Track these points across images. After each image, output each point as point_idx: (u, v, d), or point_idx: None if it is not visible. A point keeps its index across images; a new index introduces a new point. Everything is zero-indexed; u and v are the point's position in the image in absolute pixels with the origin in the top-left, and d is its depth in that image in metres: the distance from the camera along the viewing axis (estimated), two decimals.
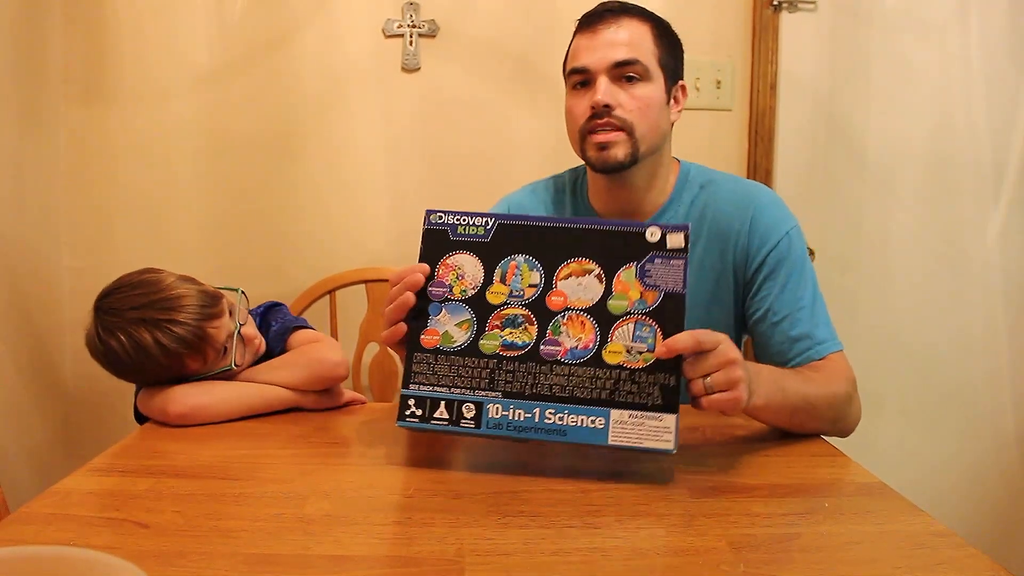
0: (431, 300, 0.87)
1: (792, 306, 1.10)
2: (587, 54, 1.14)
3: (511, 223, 0.88)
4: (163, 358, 1.03)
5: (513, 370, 0.84)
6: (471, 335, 0.85)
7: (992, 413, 1.90)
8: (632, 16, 1.15)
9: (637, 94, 1.12)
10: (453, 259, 0.88)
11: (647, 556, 0.66)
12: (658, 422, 0.80)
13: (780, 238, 1.14)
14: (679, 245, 0.83)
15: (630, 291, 0.84)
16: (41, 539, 0.68)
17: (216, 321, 1.06)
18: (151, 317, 1.03)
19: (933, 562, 0.66)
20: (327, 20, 1.78)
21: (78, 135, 1.77)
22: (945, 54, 1.83)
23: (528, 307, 0.85)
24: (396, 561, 0.65)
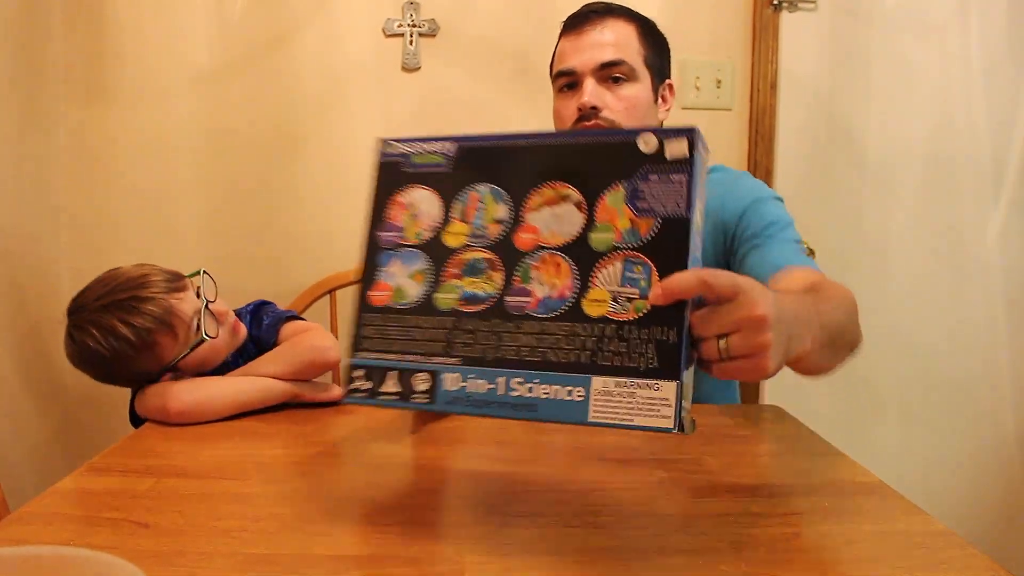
0: (381, 248, 0.73)
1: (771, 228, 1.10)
2: (573, 56, 1.14)
3: (476, 145, 0.72)
4: (137, 341, 1.03)
5: (473, 329, 0.68)
6: (426, 288, 0.70)
7: (992, 412, 1.90)
8: (617, 16, 1.15)
9: (624, 94, 1.12)
10: (407, 195, 0.74)
11: (647, 556, 0.66)
12: (654, 392, 0.61)
13: (753, 200, 1.14)
14: (682, 155, 0.64)
15: (617, 220, 0.65)
16: (41, 539, 0.68)
17: (180, 294, 1.08)
18: (116, 300, 1.05)
19: (933, 562, 0.66)
20: (327, 20, 1.78)
21: (78, 135, 1.77)
22: (945, 54, 1.82)
23: (492, 249, 0.69)
24: (396, 561, 0.65)
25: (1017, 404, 1.90)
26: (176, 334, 1.06)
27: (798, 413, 1.10)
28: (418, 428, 1.04)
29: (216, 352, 1.12)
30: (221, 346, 1.12)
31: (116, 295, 1.06)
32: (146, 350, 1.05)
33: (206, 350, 1.09)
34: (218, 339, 1.10)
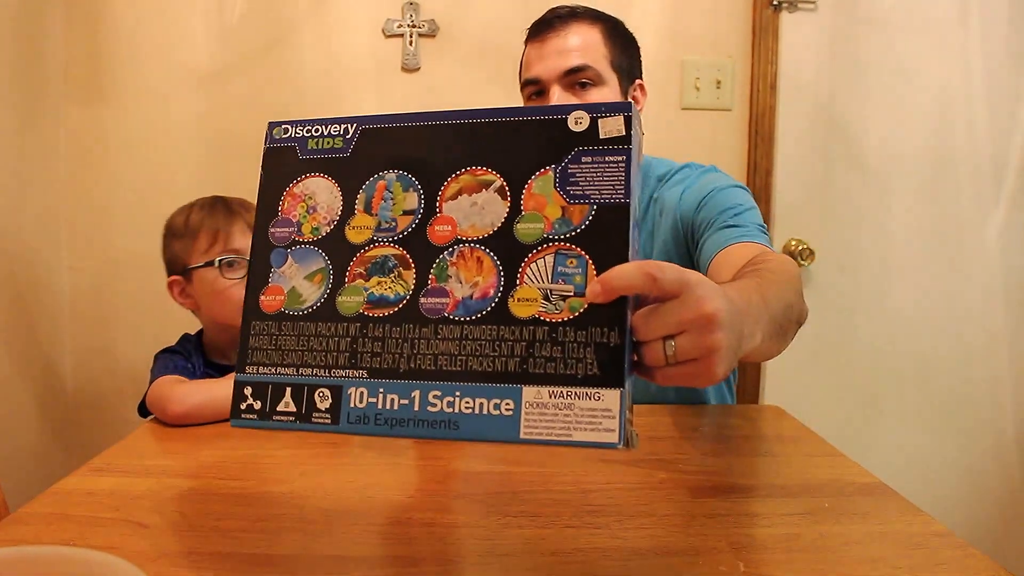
0: (273, 245, 0.64)
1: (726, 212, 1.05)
2: (538, 64, 1.14)
3: (380, 127, 0.63)
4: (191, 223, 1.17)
5: (383, 336, 0.59)
6: (325, 289, 0.62)
7: (991, 414, 1.90)
8: (580, 20, 1.14)
9: (590, 99, 1.11)
10: (302, 185, 0.65)
11: (647, 556, 0.66)
12: (594, 402, 0.53)
13: (712, 189, 1.10)
14: (618, 132, 0.56)
15: (547, 208, 0.57)
16: (41, 539, 0.68)
17: (246, 238, 1.16)
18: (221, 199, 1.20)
19: (933, 562, 0.66)
20: (327, 20, 1.78)
21: (78, 135, 1.78)
22: (945, 54, 1.83)
23: (402, 244, 0.60)
24: (396, 561, 0.65)
25: (1017, 405, 1.90)
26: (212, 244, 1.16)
27: (798, 413, 1.10)
28: None
29: (219, 297, 1.15)
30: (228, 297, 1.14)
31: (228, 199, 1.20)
32: (187, 236, 1.17)
33: (209, 281, 1.15)
34: (227, 290, 1.14)
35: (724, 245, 0.98)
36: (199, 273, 1.16)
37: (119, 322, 1.81)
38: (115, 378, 1.81)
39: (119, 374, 1.81)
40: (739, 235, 0.99)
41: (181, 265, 1.18)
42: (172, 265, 1.20)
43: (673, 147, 1.83)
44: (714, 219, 1.07)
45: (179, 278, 1.19)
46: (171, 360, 1.14)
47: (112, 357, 1.81)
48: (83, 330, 1.81)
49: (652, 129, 1.92)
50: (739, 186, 1.15)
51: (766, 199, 1.83)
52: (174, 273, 1.19)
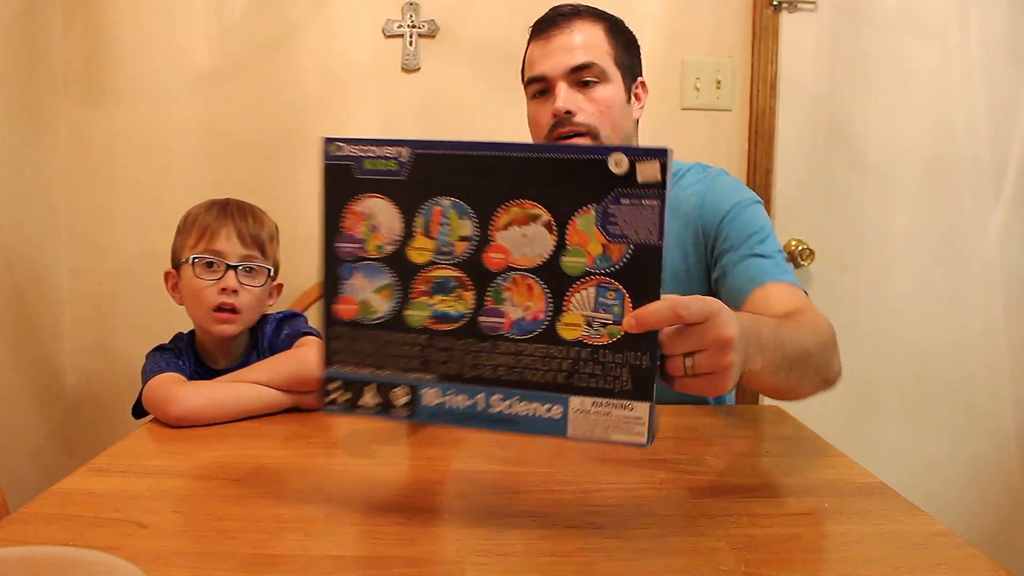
0: (341, 260, 0.71)
1: (746, 252, 1.08)
2: (543, 62, 1.14)
3: (432, 152, 0.67)
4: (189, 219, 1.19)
5: (449, 348, 0.67)
6: (394, 304, 0.68)
7: (992, 412, 1.90)
8: (584, 18, 1.15)
9: (597, 97, 1.12)
10: (363, 204, 0.70)
11: (647, 556, 0.66)
12: (628, 411, 0.64)
13: (732, 206, 1.13)
14: (654, 178, 0.61)
15: (589, 244, 0.64)
16: (41, 539, 0.68)
17: (240, 246, 1.16)
18: (232, 203, 1.21)
19: (933, 562, 0.66)
20: (327, 20, 1.78)
21: (78, 135, 1.78)
22: (945, 54, 1.83)
23: (460, 267, 0.67)
24: (396, 561, 0.65)
25: (1017, 404, 1.90)
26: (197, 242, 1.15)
27: (798, 413, 1.10)
28: (416, 430, 1.04)
29: (194, 297, 1.15)
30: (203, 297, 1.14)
31: (243, 204, 1.22)
32: (181, 231, 1.19)
33: (185, 278, 1.16)
34: (203, 291, 1.14)
35: (762, 282, 1.03)
36: (182, 269, 1.16)
37: (119, 322, 1.81)
38: (115, 378, 1.81)
39: (119, 374, 1.81)
40: (775, 273, 1.04)
41: (176, 258, 1.19)
42: (172, 258, 1.21)
43: (673, 147, 1.82)
44: (740, 243, 1.10)
45: (172, 271, 1.20)
46: (163, 358, 1.14)
47: (112, 357, 1.81)
48: (83, 330, 1.81)
49: (652, 129, 1.91)
50: (758, 201, 1.17)
51: (766, 199, 1.83)
52: (172, 266, 1.20)
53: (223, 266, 1.14)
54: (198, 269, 1.13)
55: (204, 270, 1.14)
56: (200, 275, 1.13)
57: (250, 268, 1.16)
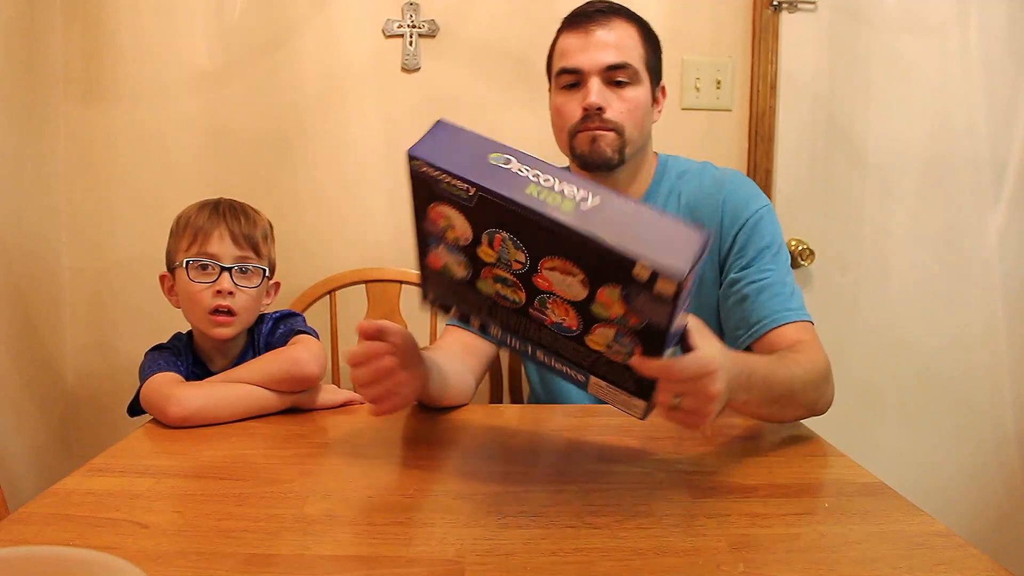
0: (428, 234, 0.81)
1: (758, 275, 1.13)
2: (579, 55, 1.14)
3: (492, 200, 0.74)
4: (182, 220, 1.17)
5: (507, 315, 0.83)
6: (468, 274, 0.82)
7: (992, 412, 1.90)
8: (622, 18, 1.16)
9: (627, 96, 1.14)
10: (441, 209, 0.78)
11: (647, 556, 0.66)
12: (630, 399, 0.84)
13: (749, 216, 1.16)
14: (668, 292, 0.69)
15: (613, 306, 0.75)
16: (41, 539, 0.68)
17: (233, 246, 1.15)
18: (225, 204, 1.20)
19: (933, 562, 0.66)
20: (327, 20, 1.78)
21: (78, 134, 1.78)
22: (945, 54, 1.82)
23: (516, 276, 0.79)
24: (396, 561, 0.65)
25: (1017, 404, 1.90)
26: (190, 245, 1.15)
27: None
28: (413, 429, 1.04)
29: (186, 300, 1.15)
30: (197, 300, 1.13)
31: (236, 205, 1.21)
32: (175, 234, 1.18)
33: (179, 282, 1.15)
34: (197, 295, 1.13)
35: (776, 323, 1.09)
36: (177, 272, 1.16)
37: (119, 322, 1.81)
38: (115, 378, 1.81)
39: (119, 374, 1.81)
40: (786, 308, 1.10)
41: (170, 262, 1.18)
42: (166, 261, 1.20)
43: (673, 147, 1.82)
44: (754, 258, 1.14)
45: (167, 274, 1.19)
46: (161, 357, 1.13)
47: (112, 357, 1.81)
48: (83, 330, 1.81)
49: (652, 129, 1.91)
50: (769, 206, 1.19)
51: None
52: (167, 269, 1.20)
53: (217, 268, 1.13)
54: (192, 272, 1.13)
55: (198, 273, 1.13)
56: (195, 278, 1.13)
57: (245, 269, 1.15)
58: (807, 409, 1.02)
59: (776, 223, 1.19)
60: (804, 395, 0.99)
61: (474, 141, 0.81)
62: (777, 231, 1.18)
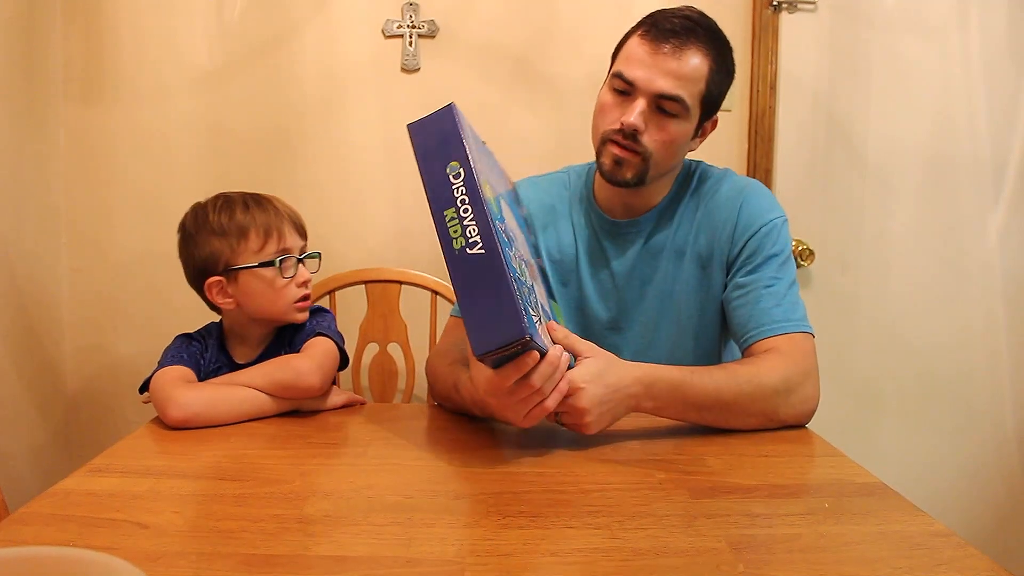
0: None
1: (756, 283, 1.13)
2: (639, 69, 1.11)
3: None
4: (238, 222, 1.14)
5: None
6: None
7: (992, 412, 1.90)
8: (699, 44, 1.11)
9: (668, 128, 1.12)
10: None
11: (647, 556, 0.66)
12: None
13: (762, 225, 1.16)
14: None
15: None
16: (41, 539, 0.68)
17: (296, 234, 1.17)
18: (255, 196, 1.18)
19: (933, 562, 0.66)
20: (327, 20, 1.78)
21: (78, 134, 1.78)
22: (945, 54, 1.83)
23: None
24: (396, 561, 0.65)
25: (1017, 404, 1.90)
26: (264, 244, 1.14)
27: None
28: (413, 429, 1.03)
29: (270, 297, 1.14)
30: (279, 297, 1.14)
31: (258, 195, 1.19)
32: (235, 235, 1.14)
33: (265, 282, 1.14)
34: (282, 290, 1.14)
35: (768, 335, 1.09)
36: (252, 272, 1.13)
37: (119, 322, 1.81)
38: (115, 378, 1.81)
39: (119, 374, 1.81)
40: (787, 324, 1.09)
41: (223, 264, 1.14)
42: (209, 264, 1.14)
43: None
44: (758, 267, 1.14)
45: (220, 278, 1.14)
46: (184, 349, 1.14)
47: (112, 357, 1.82)
48: (83, 330, 1.81)
49: None
50: (784, 218, 1.19)
51: None
52: (211, 272, 1.14)
53: (293, 261, 1.16)
54: (283, 270, 1.14)
55: (286, 268, 1.15)
56: (284, 275, 1.15)
57: (314, 255, 1.21)
58: (762, 417, 1.01)
59: (788, 236, 1.18)
60: (743, 403, 1.00)
61: (453, 140, 0.86)
62: (788, 244, 1.18)
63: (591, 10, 1.79)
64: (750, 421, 1.01)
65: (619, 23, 1.22)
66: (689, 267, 1.20)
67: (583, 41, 1.79)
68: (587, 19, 1.79)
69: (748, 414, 1.01)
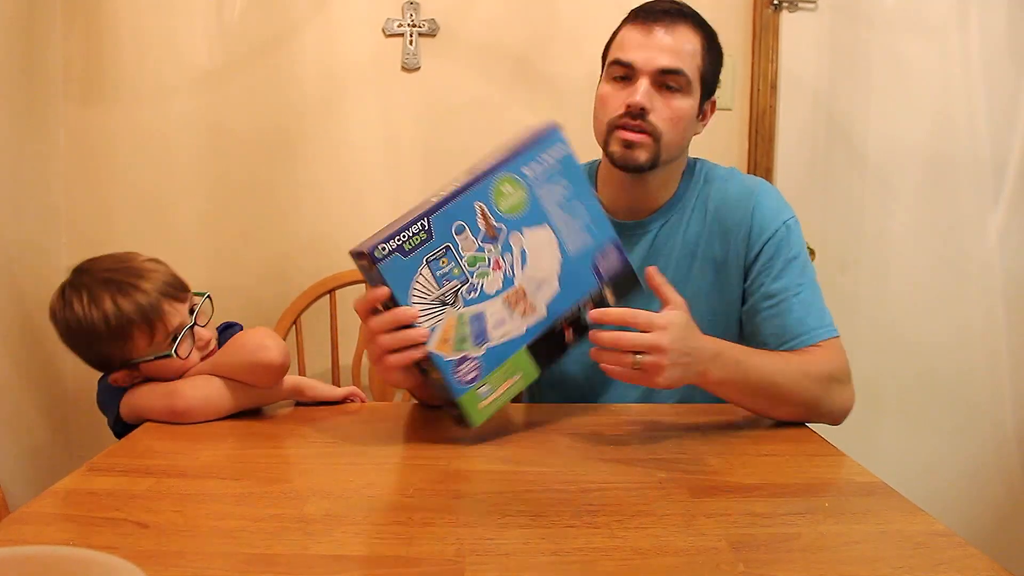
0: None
1: (785, 293, 1.12)
2: (636, 51, 1.12)
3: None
4: (115, 323, 1.04)
5: None
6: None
7: (992, 412, 1.90)
8: (689, 23, 1.13)
9: (674, 105, 1.12)
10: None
11: (647, 556, 0.66)
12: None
13: (778, 228, 1.16)
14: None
15: None
16: (41, 539, 0.68)
17: (176, 304, 1.07)
18: (118, 279, 1.07)
19: (933, 562, 0.66)
20: (327, 19, 1.78)
21: (78, 134, 1.78)
22: (945, 54, 1.82)
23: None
24: (396, 561, 0.65)
25: (1017, 404, 1.90)
26: (152, 337, 1.05)
27: None
28: (415, 430, 1.04)
29: (178, 371, 1.08)
30: (186, 367, 1.08)
31: (120, 276, 1.08)
32: (119, 336, 1.05)
33: (169, 365, 1.07)
34: (186, 361, 1.07)
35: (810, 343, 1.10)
36: (153, 364, 1.07)
37: None
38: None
39: None
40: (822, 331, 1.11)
41: (119, 362, 1.08)
42: (105, 363, 1.10)
43: None
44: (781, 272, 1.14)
45: (123, 372, 1.09)
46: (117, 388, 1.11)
47: None
48: None
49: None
50: (795, 217, 1.19)
51: None
52: (112, 368, 1.10)
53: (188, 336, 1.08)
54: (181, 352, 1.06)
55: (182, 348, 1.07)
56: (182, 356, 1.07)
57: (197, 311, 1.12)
58: (805, 408, 1.03)
59: (801, 235, 1.19)
60: (794, 391, 1.02)
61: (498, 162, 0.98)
62: (803, 243, 1.18)
63: (591, 10, 1.79)
64: (795, 411, 1.04)
65: (619, 23, 1.22)
66: (701, 270, 1.19)
67: (583, 41, 1.79)
68: (587, 19, 1.79)
69: (795, 403, 1.03)
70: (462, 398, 0.92)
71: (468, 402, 0.93)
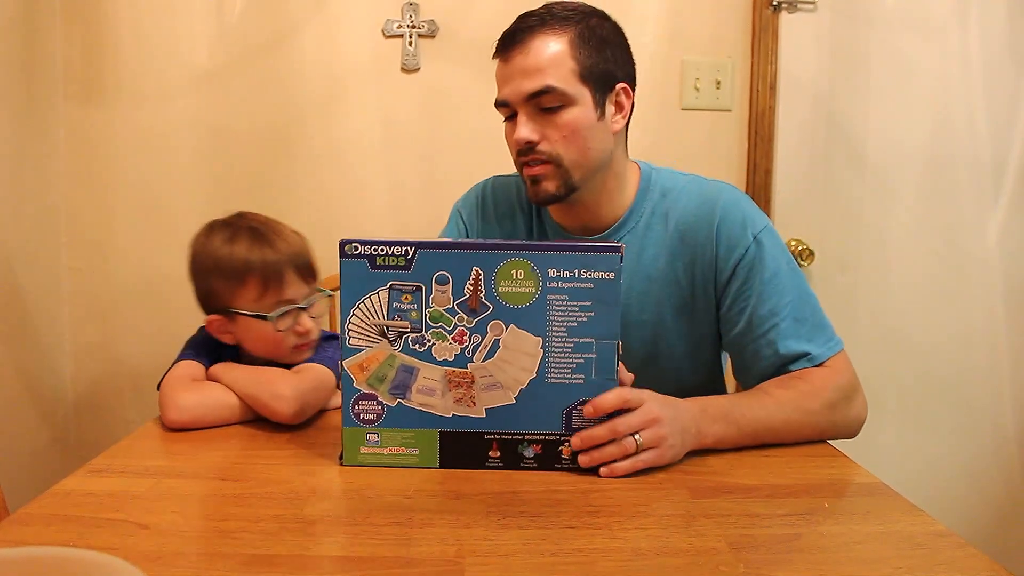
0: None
1: (774, 319, 1.03)
2: (504, 86, 1.06)
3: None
4: (240, 265, 1.08)
5: None
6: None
7: (992, 412, 1.90)
8: (547, 31, 1.03)
9: (560, 123, 1.03)
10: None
11: (647, 556, 0.66)
12: None
13: (748, 246, 1.05)
14: None
15: None
16: (41, 540, 0.68)
17: (297, 279, 1.11)
18: (262, 231, 1.12)
19: (933, 562, 0.66)
20: (327, 20, 1.78)
21: (78, 134, 1.78)
22: (945, 54, 1.83)
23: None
24: (396, 561, 0.65)
25: (1017, 404, 1.90)
26: (263, 293, 1.08)
27: None
28: None
29: (266, 341, 1.10)
30: (275, 342, 1.10)
31: (264, 229, 1.13)
32: (234, 278, 1.09)
33: (261, 329, 1.09)
34: (277, 336, 1.09)
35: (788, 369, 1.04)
36: (248, 320, 1.09)
37: (119, 322, 1.81)
38: (115, 378, 1.81)
39: (119, 374, 1.81)
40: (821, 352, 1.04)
41: (223, 304, 1.10)
42: (210, 299, 1.12)
43: (673, 148, 1.83)
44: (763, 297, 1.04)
45: (219, 318, 1.11)
46: (204, 342, 1.14)
47: (112, 357, 1.82)
48: (83, 330, 1.81)
49: (652, 130, 1.91)
50: (769, 227, 1.08)
51: (766, 199, 1.83)
52: (213, 309, 1.11)
53: (295, 310, 1.10)
54: (278, 323, 1.08)
55: (281, 320, 1.09)
56: (279, 327, 1.09)
57: (318, 297, 1.14)
58: (815, 435, 0.98)
59: (778, 243, 1.08)
60: (795, 430, 0.96)
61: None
62: (780, 252, 1.07)
63: None
64: (806, 436, 0.98)
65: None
66: (666, 295, 1.10)
67: None
68: None
69: (799, 436, 0.97)
70: (347, 430, 0.87)
71: (350, 438, 0.88)
